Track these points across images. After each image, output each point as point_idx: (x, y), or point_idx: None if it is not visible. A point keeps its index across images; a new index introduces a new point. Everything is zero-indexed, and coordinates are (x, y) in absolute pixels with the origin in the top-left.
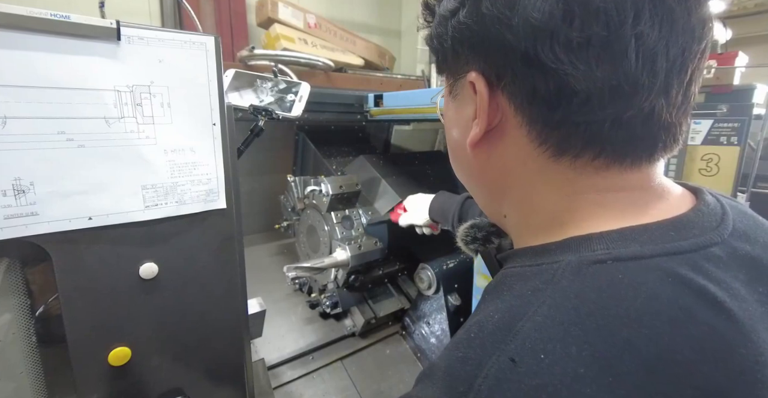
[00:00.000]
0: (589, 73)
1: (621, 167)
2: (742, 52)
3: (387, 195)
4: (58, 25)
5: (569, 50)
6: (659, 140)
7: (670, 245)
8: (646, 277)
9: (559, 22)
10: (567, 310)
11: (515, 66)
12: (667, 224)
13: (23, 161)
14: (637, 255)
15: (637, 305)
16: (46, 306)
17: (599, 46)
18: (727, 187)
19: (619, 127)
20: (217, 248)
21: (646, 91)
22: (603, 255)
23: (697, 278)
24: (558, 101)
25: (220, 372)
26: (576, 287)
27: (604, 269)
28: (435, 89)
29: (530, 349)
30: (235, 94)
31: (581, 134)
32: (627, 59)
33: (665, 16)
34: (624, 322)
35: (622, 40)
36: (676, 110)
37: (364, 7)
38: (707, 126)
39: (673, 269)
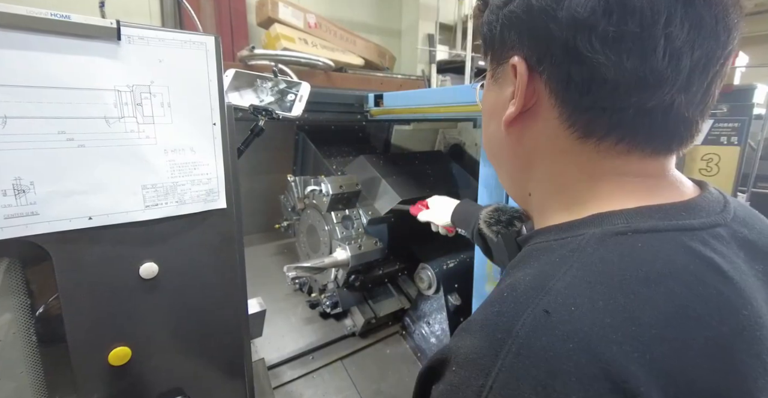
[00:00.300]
0: (619, 64)
1: (642, 154)
2: (742, 52)
3: (387, 195)
4: (58, 25)
5: (604, 43)
6: (677, 133)
7: (682, 223)
8: (662, 246)
9: (599, 17)
10: (593, 272)
11: (555, 53)
12: (679, 205)
13: (23, 160)
14: (654, 228)
15: (656, 268)
16: (47, 306)
17: (631, 41)
18: (728, 187)
19: (642, 116)
20: (218, 247)
21: (668, 85)
22: (623, 228)
23: (706, 251)
24: (589, 87)
25: (220, 372)
26: (600, 253)
27: (625, 239)
28: (437, 89)
29: (562, 303)
30: (235, 94)
31: (607, 119)
32: (655, 55)
33: (694, 21)
34: (644, 282)
35: (653, 37)
36: (694, 107)
37: (365, 7)
38: (707, 126)
39: (685, 241)
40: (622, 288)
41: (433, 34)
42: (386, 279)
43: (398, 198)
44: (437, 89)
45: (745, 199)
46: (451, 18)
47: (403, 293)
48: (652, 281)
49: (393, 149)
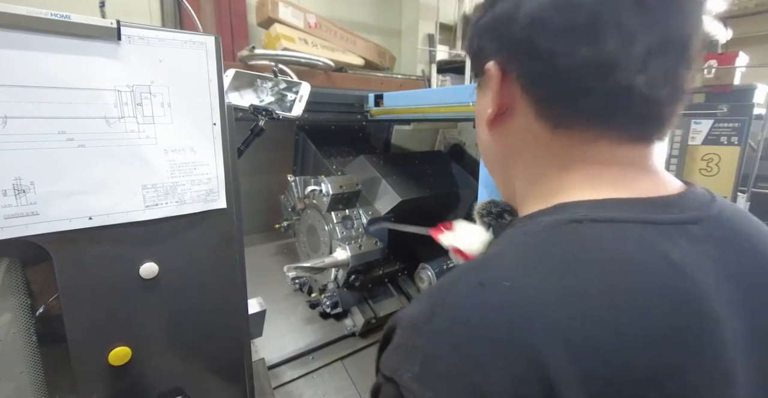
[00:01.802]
0: (573, 53)
1: (610, 140)
2: (742, 52)
3: (387, 195)
4: (58, 25)
5: (558, 35)
6: (645, 117)
7: (645, 216)
8: (615, 235)
9: (551, 13)
10: (537, 253)
11: (520, 52)
12: (649, 200)
13: (24, 160)
14: (612, 219)
15: (602, 254)
16: (47, 306)
17: (582, 32)
18: (728, 187)
19: (603, 100)
20: (218, 247)
21: (622, 69)
22: (581, 217)
23: (663, 244)
24: (549, 78)
25: (220, 372)
26: (550, 237)
27: (579, 226)
28: (437, 89)
29: (497, 278)
30: (235, 94)
31: (570, 106)
32: (606, 42)
33: (645, 8)
34: (585, 265)
35: (602, 26)
36: (658, 88)
37: (365, 7)
38: (707, 126)
39: (642, 234)
40: (559, 270)
41: (433, 34)
42: (386, 279)
43: (398, 198)
44: (437, 89)
45: (745, 199)
46: (451, 18)
47: (403, 293)
48: (593, 265)
49: (393, 149)
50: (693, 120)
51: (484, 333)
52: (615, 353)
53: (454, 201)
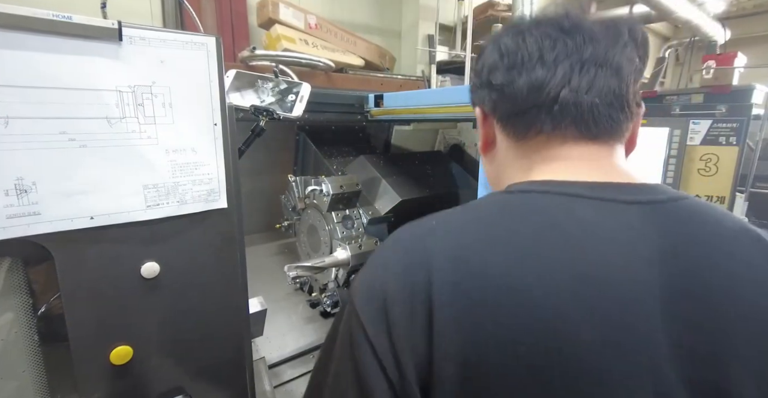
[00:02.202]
0: (513, 82)
1: (562, 140)
2: (740, 53)
3: (387, 195)
4: (60, 26)
5: (502, 73)
6: (579, 120)
7: (576, 190)
8: (539, 201)
9: (497, 60)
10: (464, 207)
11: (484, 91)
12: (588, 183)
13: (25, 161)
14: (543, 191)
15: (519, 211)
16: (48, 305)
17: (518, 68)
18: (726, 187)
19: (543, 109)
20: (218, 247)
21: (550, 86)
22: (514, 189)
23: (582, 210)
24: (502, 103)
25: (221, 371)
26: (479, 203)
27: (507, 195)
28: (436, 90)
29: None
30: (236, 95)
31: (521, 120)
32: (534, 71)
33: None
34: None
35: (531, 62)
36: (581, 95)
37: (365, 8)
38: (706, 126)
39: (567, 203)
40: (471, 211)
41: (433, 35)
42: None
43: (398, 198)
44: (437, 90)
45: (744, 199)
46: (450, 19)
47: None
48: (500, 211)
49: (393, 149)
50: (692, 120)
51: (396, 243)
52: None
53: (453, 201)
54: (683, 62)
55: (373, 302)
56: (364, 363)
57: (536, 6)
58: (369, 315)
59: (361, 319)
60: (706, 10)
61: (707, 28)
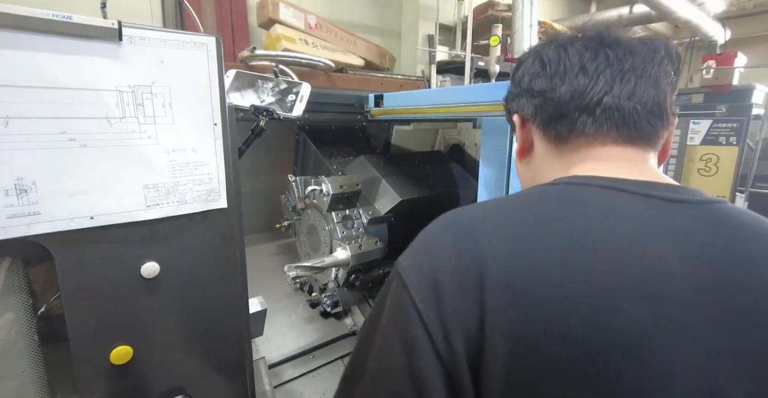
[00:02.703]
0: (557, 88)
1: (602, 144)
2: (741, 53)
3: (387, 195)
4: (60, 26)
5: (546, 79)
6: (620, 123)
7: (620, 185)
8: (582, 191)
9: (539, 70)
10: (513, 195)
11: (525, 99)
12: (629, 179)
13: (25, 160)
14: (585, 183)
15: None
16: (48, 305)
17: (560, 76)
18: (726, 187)
19: (585, 113)
20: (218, 247)
21: (593, 92)
22: (559, 182)
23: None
24: (545, 108)
25: (221, 371)
26: (526, 192)
27: (552, 186)
28: (436, 90)
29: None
30: (236, 95)
31: (564, 123)
32: (576, 78)
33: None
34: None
35: (573, 71)
36: (623, 101)
37: (365, 8)
38: (706, 126)
39: (605, 193)
40: (521, 200)
41: (433, 35)
42: (386, 278)
43: (398, 198)
44: (437, 90)
45: (744, 199)
46: (450, 19)
47: None
48: (550, 200)
49: (393, 149)
50: (692, 120)
51: (448, 227)
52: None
53: (453, 201)
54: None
55: (424, 280)
56: (413, 335)
57: (536, 7)
58: (419, 291)
59: (411, 293)
60: (706, 10)
61: (707, 28)
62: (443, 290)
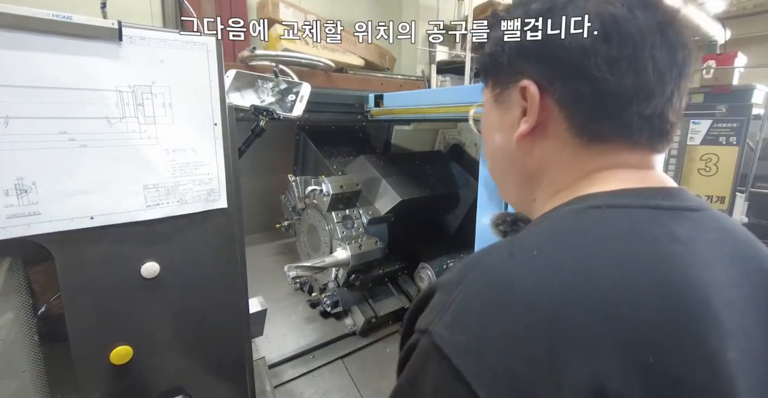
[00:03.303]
0: (621, 80)
1: (631, 150)
2: (741, 53)
3: (387, 195)
4: (60, 26)
5: (608, 63)
6: (660, 134)
7: (655, 202)
8: (632, 217)
9: (600, 44)
10: (562, 230)
11: (565, 75)
12: (655, 189)
13: (25, 160)
14: (628, 205)
15: (618, 230)
16: (48, 305)
17: (628, 62)
18: (726, 187)
19: (642, 121)
20: (219, 247)
21: (658, 96)
22: (600, 203)
23: (671, 224)
24: (597, 100)
25: (221, 371)
26: (575, 219)
27: (599, 211)
28: (436, 90)
29: (526, 249)
30: (236, 95)
31: (613, 124)
32: (646, 73)
33: (668, 47)
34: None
35: (643, 59)
36: (675, 112)
37: (365, 7)
38: (706, 126)
39: (651, 215)
40: (583, 241)
41: None
42: (386, 279)
43: (398, 198)
44: (437, 90)
45: (744, 199)
46: (451, 18)
47: (403, 293)
48: (614, 238)
49: (393, 149)
50: (692, 120)
51: (506, 293)
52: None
53: (453, 201)
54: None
55: (493, 368)
56: None
57: None
58: (489, 384)
59: (474, 388)
60: (706, 10)
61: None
62: (528, 390)
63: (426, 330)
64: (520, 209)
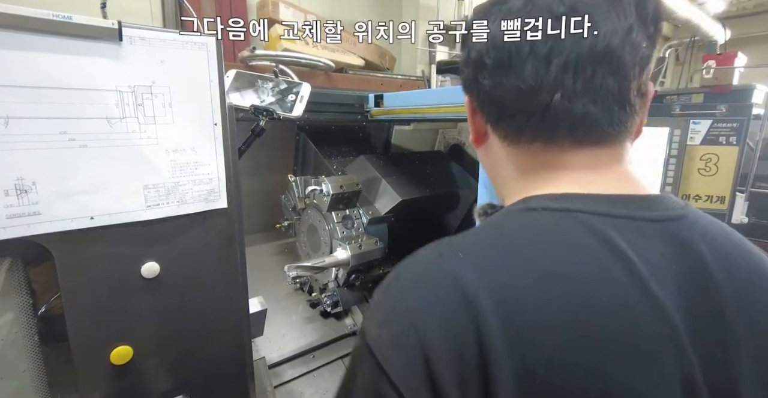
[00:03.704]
0: (501, 84)
1: (561, 148)
2: (741, 53)
3: (387, 195)
4: (60, 26)
5: (489, 72)
6: (579, 125)
7: (598, 209)
8: (561, 220)
9: (484, 56)
10: (491, 232)
11: (472, 88)
12: (606, 196)
13: (25, 161)
14: (564, 208)
15: (547, 233)
16: (49, 305)
17: (505, 66)
18: (726, 187)
19: (536, 116)
20: (219, 247)
21: (541, 90)
22: (536, 206)
23: (608, 231)
24: (491, 106)
25: (221, 371)
26: (506, 221)
27: (533, 213)
28: (436, 90)
29: (453, 250)
30: (236, 95)
31: (513, 125)
32: (524, 71)
33: (554, 38)
34: (530, 242)
35: (519, 59)
36: (575, 100)
37: (365, 7)
38: (706, 126)
39: (589, 221)
40: (508, 246)
41: None
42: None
43: (398, 198)
44: (437, 90)
45: (744, 199)
46: (451, 18)
47: None
48: (537, 242)
49: (393, 149)
50: (692, 120)
51: (427, 290)
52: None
53: (453, 201)
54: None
55: (410, 363)
56: None
57: None
58: (407, 381)
59: (395, 383)
60: (706, 9)
61: (707, 27)
62: (442, 382)
63: (362, 331)
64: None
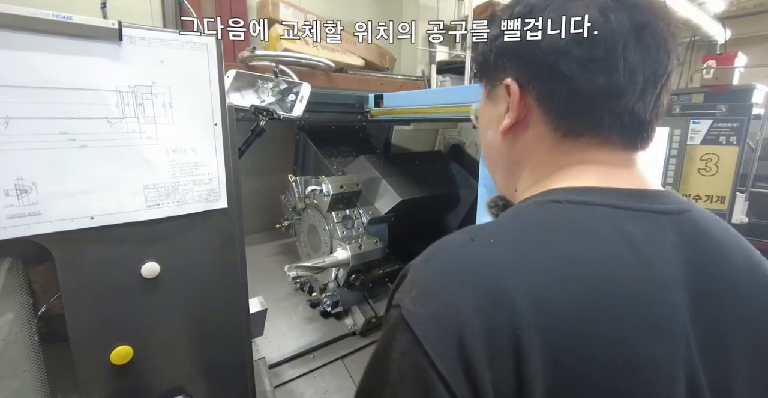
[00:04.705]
0: (592, 80)
1: (612, 147)
2: (741, 53)
3: (387, 195)
4: (60, 26)
5: (579, 64)
6: (640, 131)
7: (618, 202)
8: (587, 214)
9: (572, 46)
10: (520, 221)
11: (540, 74)
12: (626, 190)
13: (25, 161)
14: (587, 201)
15: (572, 225)
16: (49, 305)
17: (599, 63)
18: (726, 187)
19: (614, 118)
20: (219, 247)
21: (629, 95)
22: (561, 198)
23: (627, 224)
24: (570, 99)
25: (221, 371)
26: (533, 211)
27: (558, 206)
28: (436, 90)
29: (486, 236)
30: (236, 95)
31: (586, 121)
32: (617, 73)
33: (643, 48)
34: (556, 231)
35: (615, 59)
36: (649, 111)
37: (365, 7)
38: (706, 126)
39: (609, 214)
40: (536, 233)
41: None
42: (386, 279)
43: (398, 198)
44: (437, 90)
45: (744, 199)
46: (451, 18)
47: None
48: (561, 234)
49: (393, 149)
50: (692, 120)
51: (462, 273)
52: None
53: (453, 201)
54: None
55: (447, 340)
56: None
57: None
58: (442, 355)
59: (432, 357)
60: (706, 9)
61: (707, 27)
62: (473, 357)
63: (397, 305)
64: (507, 197)
